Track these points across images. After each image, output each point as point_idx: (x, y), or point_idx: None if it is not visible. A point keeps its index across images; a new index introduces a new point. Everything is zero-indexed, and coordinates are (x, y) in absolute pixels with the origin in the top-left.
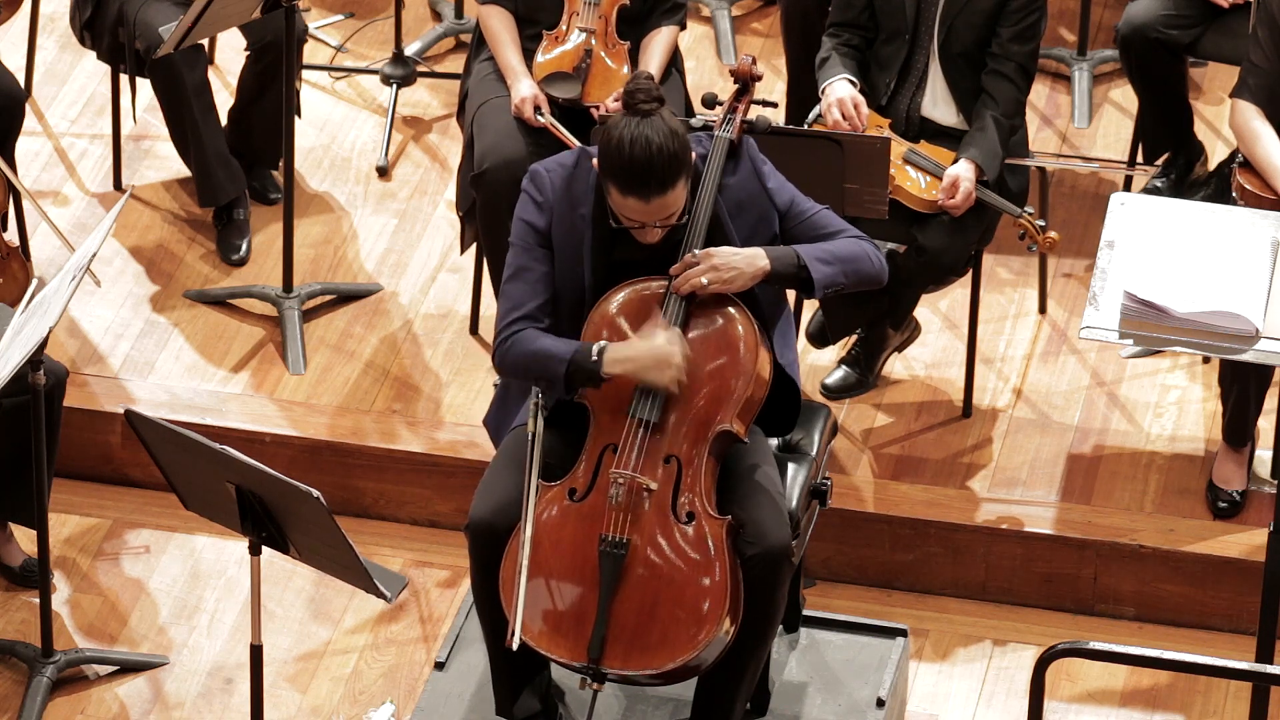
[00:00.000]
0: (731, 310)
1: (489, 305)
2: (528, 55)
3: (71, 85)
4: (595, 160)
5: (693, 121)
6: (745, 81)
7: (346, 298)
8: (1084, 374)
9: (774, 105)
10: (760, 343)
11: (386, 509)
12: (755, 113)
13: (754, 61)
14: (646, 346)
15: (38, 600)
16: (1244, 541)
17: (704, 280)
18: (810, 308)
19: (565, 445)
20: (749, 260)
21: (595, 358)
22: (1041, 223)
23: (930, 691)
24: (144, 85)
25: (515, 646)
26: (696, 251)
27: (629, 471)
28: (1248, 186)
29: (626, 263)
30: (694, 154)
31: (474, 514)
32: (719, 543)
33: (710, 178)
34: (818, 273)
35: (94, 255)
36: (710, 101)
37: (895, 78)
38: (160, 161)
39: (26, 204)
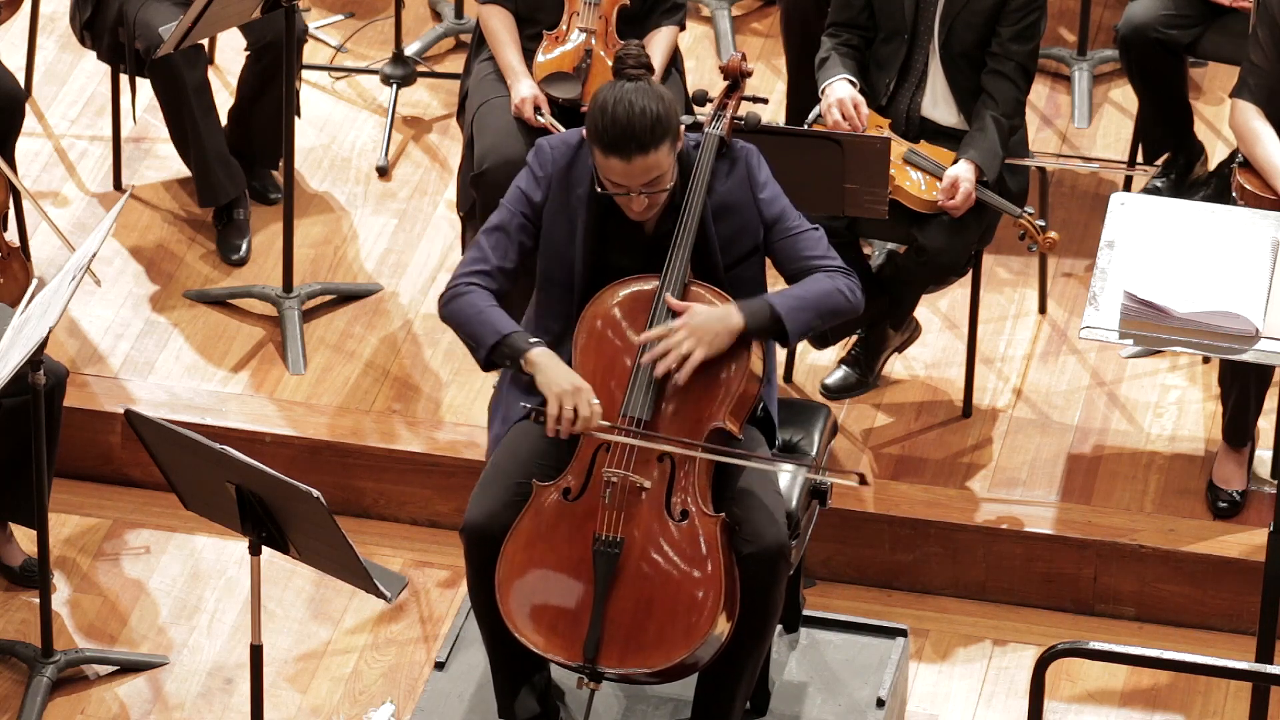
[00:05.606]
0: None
1: None
2: (528, 55)
3: (71, 85)
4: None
5: (685, 119)
6: (735, 78)
7: (346, 298)
8: (1084, 374)
9: (764, 101)
10: (752, 339)
11: (386, 509)
12: (745, 109)
13: (744, 58)
14: (570, 375)
15: (38, 600)
16: (1244, 541)
17: (684, 351)
18: None
19: (559, 445)
20: (722, 319)
21: (525, 346)
22: (1041, 223)
23: (930, 691)
24: (144, 85)
25: None
26: (671, 322)
27: (622, 470)
28: (1248, 186)
29: (621, 251)
30: (686, 145)
31: (469, 517)
32: (713, 541)
33: (700, 174)
34: (792, 322)
35: (94, 255)
36: (701, 99)
37: (895, 78)
38: (160, 161)
39: (26, 204)
